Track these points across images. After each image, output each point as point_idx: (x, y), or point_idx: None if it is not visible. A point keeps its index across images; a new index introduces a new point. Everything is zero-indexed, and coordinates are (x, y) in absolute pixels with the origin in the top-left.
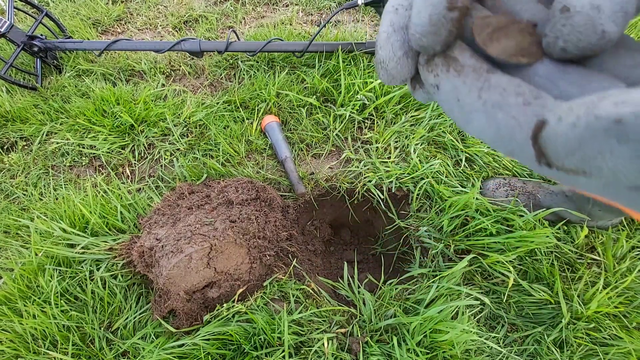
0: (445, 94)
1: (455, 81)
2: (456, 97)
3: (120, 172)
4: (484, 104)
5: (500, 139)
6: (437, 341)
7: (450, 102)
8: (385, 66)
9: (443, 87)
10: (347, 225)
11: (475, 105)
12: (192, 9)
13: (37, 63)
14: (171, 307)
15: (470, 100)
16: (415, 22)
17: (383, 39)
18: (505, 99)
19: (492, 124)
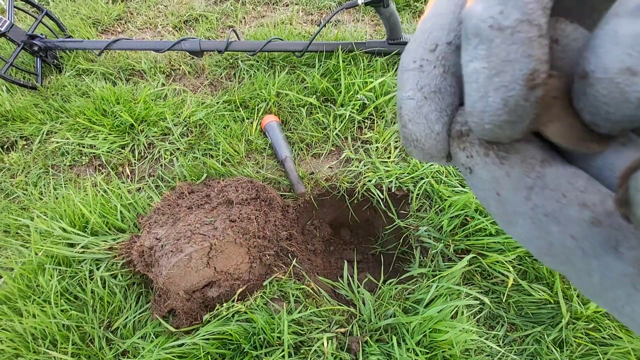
0: (480, 182)
1: (496, 171)
2: (495, 191)
3: (120, 171)
4: (534, 209)
5: (552, 256)
6: (436, 341)
7: (486, 193)
8: (420, 145)
9: (478, 174)
10: (347, 225)
11: (521, 209)
12: (192, 8)
13: (37, 62)
14: (171, 307)
15: (515, 201)
16: (481, 108)
17: (411, 108)
18: (565, 210)
19: (542, 237)
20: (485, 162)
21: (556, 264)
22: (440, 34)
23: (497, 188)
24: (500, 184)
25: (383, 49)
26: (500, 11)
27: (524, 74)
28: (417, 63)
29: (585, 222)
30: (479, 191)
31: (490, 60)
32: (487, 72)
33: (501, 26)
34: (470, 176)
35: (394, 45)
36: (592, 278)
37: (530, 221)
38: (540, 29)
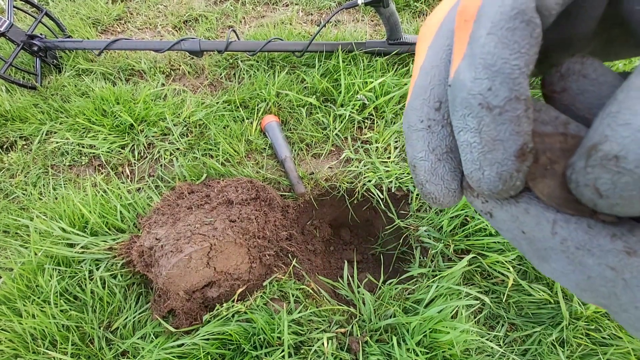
0: (502, 224)
1: (514, 210)
2: (520, 229)
3: (120, 171)
4: (563, 242)
5: (592, 291)
6: (436, 341)
7: (513, 234)
8: (439, 202)
9: (498, 216)
10: (347, 225)
11: (551, 243)
12: (192, 8)
13: (37, 62)
14: (171, 307)
15: (542, 236)
16: (477, 178)
17: (426, 169)
18: (596, 241)
19: (579, 271)
20: (501, 205)
21: (598, 299)
22: (442, 90)
23: (520, 226)
24: (523, 222)
25: (383, 49)
26: (489, 87)
27: (515, 150)
28: (424, 123)
29: (620, 252)
30: (505, 233)
31: (482, 138)
32: (479, 148)
33: (490, 106)
34: (493, 220)
35: (394, 45)
36: (638, 310)
37: (563, 255)
38: (526, 103)
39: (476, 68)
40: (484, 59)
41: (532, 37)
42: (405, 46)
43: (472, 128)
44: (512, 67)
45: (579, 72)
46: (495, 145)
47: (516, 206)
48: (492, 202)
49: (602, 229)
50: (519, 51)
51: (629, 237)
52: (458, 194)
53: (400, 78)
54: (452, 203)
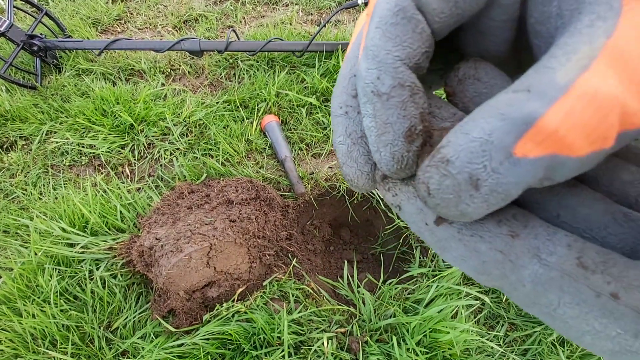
0: (409, 216)
1: (419, 203)
2: (424, 221)
3: (120, 171)
4: (460, 231)
5: (487, 274)
6: (436, 341)
7: (418, 225)
8: (356, 184)
9: (406, 209)
10: (347, 225)
11: (449, 233)
12: (192, 8)
13: (37, 62)
14: (171, 307)
15: (442, 227)
16: (377, 159)
17: (343, 152)
18: (485, 227)
19: (474, 256)
20: (408, 198)
21: (493, 281)
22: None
23: (424, 218)
24: (426, 214)
25: None
26: (377, 76)
27: (403, 132)
28: (342, 109)
29: (506, 236)
30: (412, 225)
31: (376, 122)
32: (375, 131)
33: (379, 92)
34: (402, 213)
35: None
36: (525, 287)
37: (460, 243)
38: (412, 89)
39: (367, 59)
40: (372, 51)
41: (414, 32)
42: None
43: (370, 113)
44: (393, 58)
45: (473, 75)
46: (386, 128)
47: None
48: (400, 195)
49: (491, 216)
50: (401, 44)
51: (512, 222)
52: (371, 178)
53: None
54: (366, 186)
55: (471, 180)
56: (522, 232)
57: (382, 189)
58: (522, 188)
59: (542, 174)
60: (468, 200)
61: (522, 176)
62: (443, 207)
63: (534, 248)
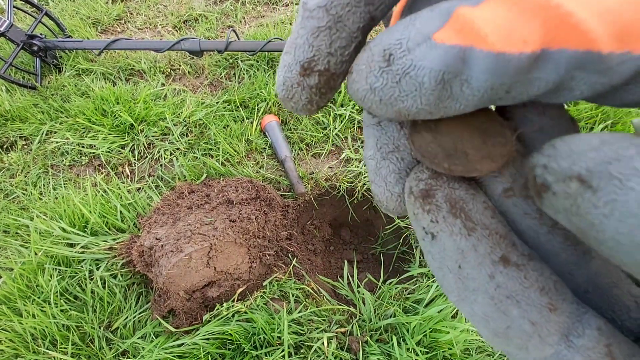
0: (441, 251)
1: (462, 243)
2: (457, 263)
3: (120, 171)
4: (497, 288)
5: (507, 339)
6: (437, 340)
7: (446, 264)
8: (386, 207)
9: (441, 242)
10: (347, 225)
11: (484, 287)
12: (192, 8)
13: (37, 62)
14: (171, 307)
15: (478, 277)
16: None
17: (371, 170)
18: (526, 293)
19: (500, 319)
20: (451, 231)
21: (509, 347)
22: None
23: (460, 260)
24: (465, 257)
25: None
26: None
27: (301, 60)
28: (375, 119)
29: (544, 308)
30: (436, 261)
31: (292, 37)
32: (287, 48)
33: (306, 7)
34: (431, 242)
35: None
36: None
37: (490, 301)
38: (335, 20)
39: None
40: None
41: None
42: None
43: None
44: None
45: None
46: (292, 48)
47: (467, 239)
48: (442, 224)
49: (534, 282)
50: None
51: (553, 292)
52: (402, 200)
53: None
54: (398, 210)
55: (384, 54)
56: (560, 306)
57: (417, 207)
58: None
59: (458, 66)
60: (377, 73)
61: (435, 61)
62: (356, 81)
63: (565, 327)
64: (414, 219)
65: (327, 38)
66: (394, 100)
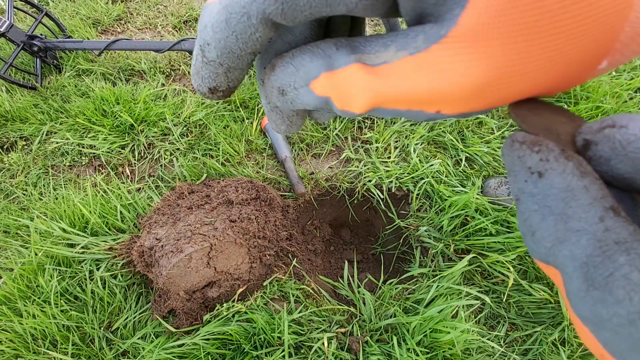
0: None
1: (574, 182)
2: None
3: (120, 171)
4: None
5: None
6: (437, 341)
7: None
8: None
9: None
10: (347, 225)
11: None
12: (192, 8)
13: (37, 63)
14: (171, 307)
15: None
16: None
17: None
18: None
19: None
20: (563, 170)
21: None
22: None
23: (569, 199)
24: (575, 196)
25: None
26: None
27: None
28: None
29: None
30: (536, 202)
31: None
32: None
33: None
34: (536, 181)
35: None
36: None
37: (596, 243)
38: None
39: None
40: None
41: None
42: None
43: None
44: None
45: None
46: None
47: (579, 179)
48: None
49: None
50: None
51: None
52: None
53: None
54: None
55: (279, 91)
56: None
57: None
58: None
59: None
60: (277, 99)
61: (310, 101)
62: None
63: None
64: (518, 162)
65: (225, 77)
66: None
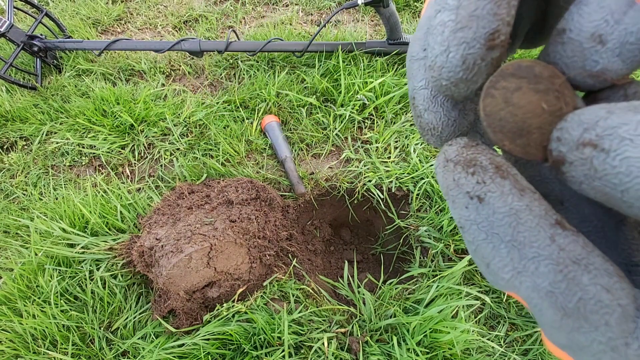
0: (490, 216)
1: (515, 203)
2: (511, 227)
3: (120, 171)
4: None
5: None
6: (437, 341)
7: (497, 231)
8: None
9: (491, 204)
10: (347, 225)
11: (545, 252)
12: (192, 8)
13: (37, 63)
14: (171, 307)
15: (538, 241)
16: (441, 63)
17: (425, 98)
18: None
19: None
20: (502, 191)
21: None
22: None
23: (514, 223)
24: (520, 219)
25: (383, 49)
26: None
27: (487, 32)
28: (425, 52)
29: (614, 275)
30: (483, 230)
31: (458, 14)
32: (452, 26)
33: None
34: (478, 208)
35: (394, 45)
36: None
37: (555, 267)
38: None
39: None
40: None
41: None
42: (405, 46)
43: (451, 5)
44: None
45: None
46: (469, 22)
47: (520, 199)
48: (490, 185)
49: (594, 247)
50: None
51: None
52: (458, 125)
53: (400, 78)
54: (451, 135)
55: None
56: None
57: (457, 172)
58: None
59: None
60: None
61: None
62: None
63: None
64: (454, 186)
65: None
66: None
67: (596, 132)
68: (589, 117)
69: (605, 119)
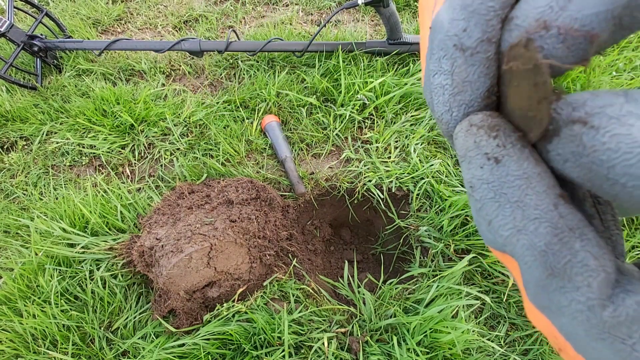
0: (503, 177)
1: (530, 169)
2: (521, 189)
3: (120, 171)
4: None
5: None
6: (437, 341)
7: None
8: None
9: (507, 167)
10: (347, 225)
11: (548, 215)
12: (192, 8)
13: (37, 63)
14: (171, 307)
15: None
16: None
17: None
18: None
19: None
20: (519, 156)
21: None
22: None
23: (525, 186)
24: (531, 184)
25: (383, 49)
26: (464, 28)
27: (481, 92)
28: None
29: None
30: (492, 189)
31: (453, 80)
32: (450, 90)
33: (464, 47)
34: (493, 168)
35: (394, 45)
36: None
37: (553, 230)
38: (497, 45)
39: (454, 9)
40: (463, 0)
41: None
42: (405, 46)
43: (446, 70)
44: (487, 8)
45: None
46: (464, 87)
47: (535, 166)
48: (511, 149)
49: (591, 225)
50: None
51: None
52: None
53: (400, 78)
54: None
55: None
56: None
57: (479, 135)
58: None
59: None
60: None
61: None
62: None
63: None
64: (474, 147)
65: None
66: None
67: (585, 110)
68: (576, 98)
69: (592, 99)
